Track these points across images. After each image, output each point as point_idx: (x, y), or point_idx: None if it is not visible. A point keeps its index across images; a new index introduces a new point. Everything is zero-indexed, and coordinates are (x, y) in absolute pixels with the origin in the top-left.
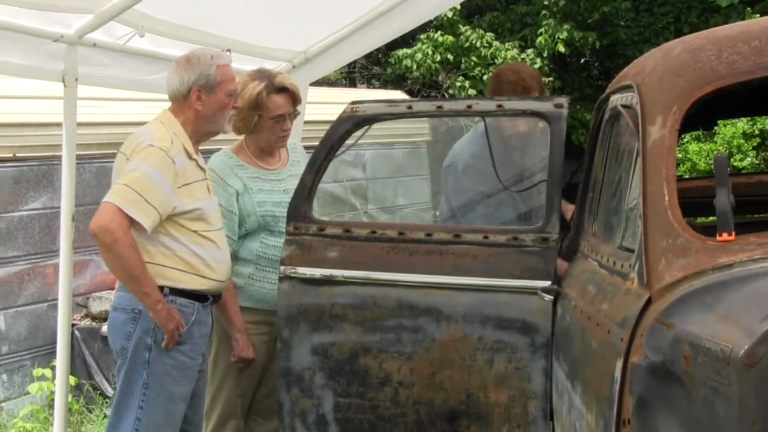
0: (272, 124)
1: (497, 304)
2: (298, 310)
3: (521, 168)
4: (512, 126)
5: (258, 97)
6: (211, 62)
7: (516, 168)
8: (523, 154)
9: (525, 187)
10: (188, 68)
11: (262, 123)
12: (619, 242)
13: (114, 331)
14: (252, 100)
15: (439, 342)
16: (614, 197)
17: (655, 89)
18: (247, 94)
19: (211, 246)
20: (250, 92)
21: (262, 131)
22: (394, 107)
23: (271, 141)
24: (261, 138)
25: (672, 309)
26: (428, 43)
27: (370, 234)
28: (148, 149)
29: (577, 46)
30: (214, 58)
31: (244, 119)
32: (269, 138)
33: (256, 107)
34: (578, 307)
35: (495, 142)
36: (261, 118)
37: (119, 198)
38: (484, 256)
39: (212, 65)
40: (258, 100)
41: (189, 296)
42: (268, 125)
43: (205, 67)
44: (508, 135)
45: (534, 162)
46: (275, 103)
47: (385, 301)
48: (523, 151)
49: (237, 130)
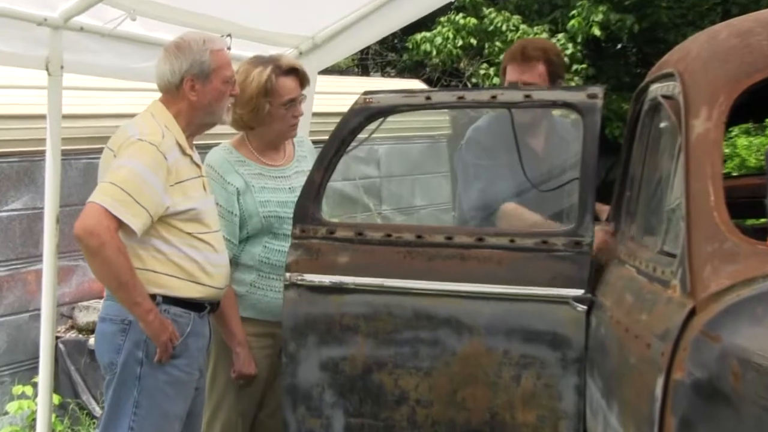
0: (284, 110)
1: (525, 314)
2: (304, 321)
3: (550, 165)
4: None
5: (268, 82)
6: (203, 47)
7: (544, 164)
8: (553, 149)
9: (555, 185)
10: (179, 56)
11: (272, 111)
12: (660, 246)
13: (102, 344)
14: (261, 86)
15: (461, 356)
16: (654, 197)
17: (699, 77)
18: (254, 82)
19: (207, 249)
20: (257, 79)
21: (273, 121)
22: (411, 98)
23: (284, 130)
24: (271, 129)
25: (718, 320)
26: (449, 26)
27: (384, 237)
28: (138, 144)
29: (613, 29)
30: (206, 42)
31: (254, 110)
32: (281, 127)
33: (266, 94)
34: (614, 318)
35: (520, 135)
36: (271, 105)
37: (106, 198)
38: (510, 261)
39: (205, 51)
40: (268, 86)
41: (184, 305)
42: (279, 113)
43: (197, 54)
44: (533, 126)
45: (565, 158)
46: (286, 87)
47: (400, 311)
48: (552, 146)
49: (245, 125)
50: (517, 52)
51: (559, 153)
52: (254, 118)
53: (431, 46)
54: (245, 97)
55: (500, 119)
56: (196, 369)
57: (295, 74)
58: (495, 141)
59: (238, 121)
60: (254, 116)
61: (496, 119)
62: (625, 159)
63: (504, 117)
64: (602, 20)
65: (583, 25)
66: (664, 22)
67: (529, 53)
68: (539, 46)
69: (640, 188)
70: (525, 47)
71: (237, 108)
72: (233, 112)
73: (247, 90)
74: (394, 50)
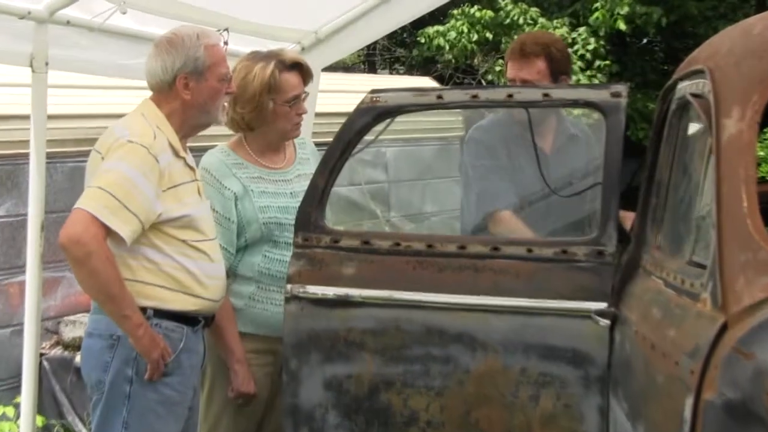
0: (288, 108)
1: (543, 329)
2: (307, 337)
3: (560, 167)
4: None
5: (271, 78)
6: (197, 43)
7: (553, 167)
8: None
9: (575, 191)
10: (171, 52)
11: (276, 109)
12: (689, 257)
13: (89, 361)
14: (265, 82)
15: (475, 374)
16: (682, 203)
17: (731, 75)
18: (257, 78)
19: (202, 258)
20: (260, 75)
21: (276, 120)
22: (421, 97)
23: (287, 129)
24: (274, 128)
25: (752, 336)
26: (463, 20)
27: (392, 246)
28: (127, 146)
29: (639, 23)
30: (200, 37)
31: (257, 108)
32: (284, 126)
33: (269, 90)
34: (640, 334)
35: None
36: (275, 103)
37: (93, 204)
38: (528, 272)
39: (199, 46)
40: (272, 82)
41: (176, 319)
42: (283, 110)
43: (191, 50)
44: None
45: (579, 160)
46: (290, 83)
47: (410, 326)
48: (561, 147)
49: (246, 125)
50: (516, 48)
51: (571, 155)
52: (257, 118)
53: (445, 41)
54: (247, 95)
55: (505, 118)
56: (189, 388)
57: (299, 69)
58: (498, 141)
59: (237, 122)
60: (257, 115)
61: (500, 118)
62: (651, 163)
63: (508, 115)
64: (627, 13)
65: (607, 19)
66: (694, 14)
67: (527, 49)
68: (540, 41)
69: (667, 194)
70: (524, 42)
71: (237, 107)
72: (232, 112)
73: (249, 87)
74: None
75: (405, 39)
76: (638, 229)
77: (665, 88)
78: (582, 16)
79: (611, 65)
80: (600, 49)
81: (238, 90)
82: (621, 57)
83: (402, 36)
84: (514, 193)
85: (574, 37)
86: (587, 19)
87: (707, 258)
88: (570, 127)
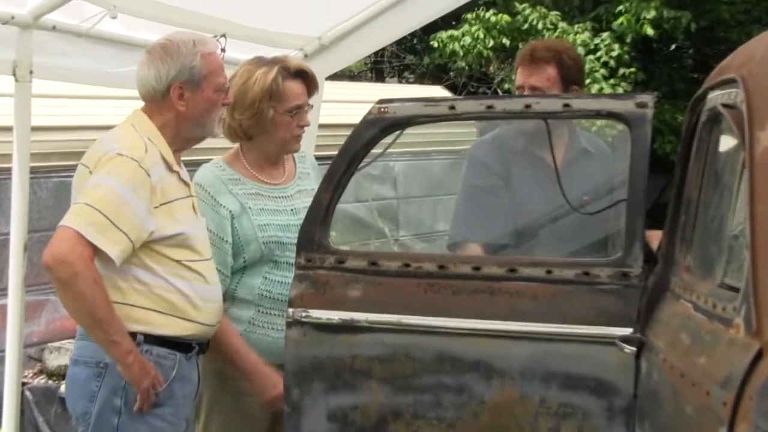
0: (289, 118)
1: (564, 357)
2: (310, 365)
3: (581, 185)
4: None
5: (273, 85)
6: (193, 50)
7: (573, 184)
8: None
9: (598, 208)
10: (166, 60)
11: (276, 119)
12: (721, 279)
13: (74, 390)
14: (266, 89)
15: (491, 405)
16: (713, 221)
17: (766, 84)
18: (258, 84)
19: (197, 280)
20: (261, 80)
21: (276, 129)
22: (432, 107)
23: (287, 141)
24: (273, 139)
25: None
26: (478, 25)
27: (402, 268)
28: (117, 159)
29: (666, 28)
30: (197, 44)
31: (255, 115)
32: (284, 136)
33: (270, 97)
34: (668, 362)
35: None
36: (275, 111)
37: (80, 221)
38: (548, 296)
39: (195, 54)
40: (273, 89)
41: (169, 345)
42: (284, 120)
43: (187, 58)
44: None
45: (609, 176)
46: (293, 91)
47: (421, 353)
48: (570, 162)
49: (244, 134)
50: (526, 54)
51: (582, 170)
52: (255, 126)
53: (459, 47)
54: (247, 100)
55: (510, 131)
56: (182, 419)
57: (304, 78)
58: (499, 158)
59: (235, 130)
60: (255, 123)
61: (503, 132)
62: (680, 178)
63: (515, 127)
64: (654, 17)
65: (632, 23)
66: (726, 19)
67: (538, 54)
68: (551, 47)
69: (697, 212)
70: (535, 48)
71: (235, 113)
72: (230, 119)
73: (249, 93)
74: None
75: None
76: (666, 249)
77: (695, 98)
78: (605, 21)
79: (637, 73)
80: (624, 56)
81: (238, 95)
82: (647, 64)
83: (412, 42)
84: (500, 220)
85: (597, 43)
86: (611, 24)
87: (740, 280)
88: (582, 141)
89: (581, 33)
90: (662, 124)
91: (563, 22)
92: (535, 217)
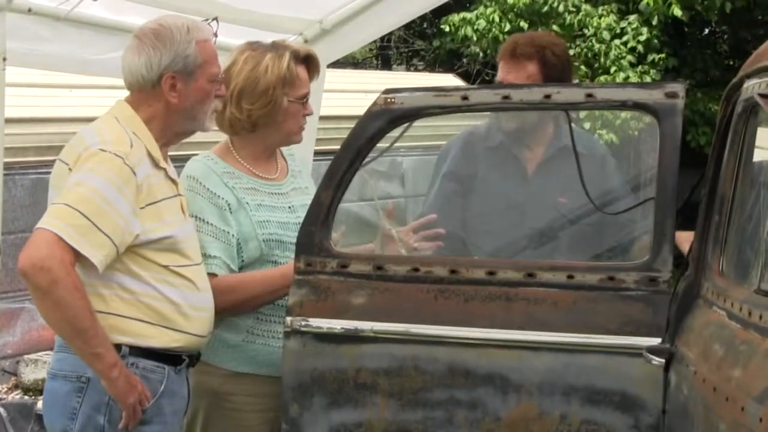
0: (299, 106)
1: (587, 369)
2: (310, 378)
3: (567, 185)
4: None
5: (288, 71)
6: (188, 37)
7: (558, 184)
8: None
9: (623, 207)
10: (158, 46)
11: (289, 108)
12: (757, 284)
13: (53, 407)
14: (282, 75)
15: (507, 421)
16: (749, 222)
17: None
18: (272, 70)
19: (187, 287)
20: (275, 66)
21: (286, 119)
22: (443, 97)
23: (293, 131)
24: (280, 130)
25: None
26: (494, 7)
27: (410, 272)
28: (99, 155)
29: (699, 9)
30: (191, 31)
31: (269, 104)
32: (291, 128)
33: (284, 84)
34: (699, 375)
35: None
36: (288, 100)
37: (60, 223)
38: (569, 303)
39: (190, 41)
40: (288, 75)
41: (156, 357)
42: (295, 108)
43: (181, 46)
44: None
45: (634, 173)
46: (302, 78)
47: (431, 366)
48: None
49: (252, 125)
50: (508, 48)
51: (564, 171)
52: (267, 115)
53: (473, 30)
54: (259, 88)
55: (487, 127)
56: None
57: (310, 64)
58: (468, 155)
59: (241, 121)
60: (268, 112)
61: (479, 128)
62: (713, 174)
63: (495, 123)
64: None
65: (661, 5)
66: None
67: (519, 50)
68: (535, 42)
69: (731, 211)
70: (517, 42)
71: (243, 103)
72: (235, 110)
73: (262, 80)
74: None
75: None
76: (697, 252)
77: (730, 86)
78: (632, 2)
79: (667, 59)
80: (653, 41)
81: (248, 83)
82: (678, 50)
83: (421, 26)
84: (456, 225)
85: (624, 27)
86: (638, 6)
87: None
88: (566, 140)
89: (606, 16)
90: (695, 115)
91: (587, 4)
92: (498, 219)
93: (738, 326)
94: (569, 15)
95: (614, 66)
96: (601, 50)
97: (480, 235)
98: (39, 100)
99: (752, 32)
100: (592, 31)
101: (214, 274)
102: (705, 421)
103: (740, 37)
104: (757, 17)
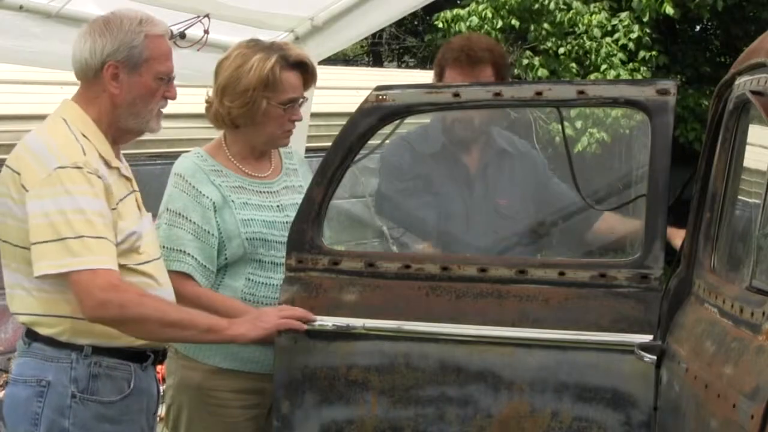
0: (281, 111)
1: (578, 366)
2: (301, 375)
3: (507, 186)
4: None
5: (270, 74)
6: (137, 29)
7: (498, 185)
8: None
9: (615, 204)
10: (105, 33)
11: (268, 110)
12: (749, 281)
13: (14, 413)
14: (263, 77)
15: (498, 419)
16: (741, 219)
17: None
18: (254, 71)
19: (146, 284)
20: (258, 67)
21: (266, 122)
22: (434, 94)
23: (276, 136)
24: (261, 131)
25: None
26: (486, 4)
27: (402, 269)
28: (61, 175)
29: (690, 7)
30: (143, 23)
31: (247, 104)
32: (273, 131)
33: (266, 87)
34: (691, 372)
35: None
36: (269, 102)
37: (81, 259)
38: (560, 300)
39: (139, 33)
40: (270, 78)
41: (121, 355)
42: (276, 113)
43: (128, 35)
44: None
45: (626, 170)
46: (290, 83)
47: (422, 363)
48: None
49: (231, 122)
50: (462, 53)
51: (502, 172)
52: (245, 115)
53: (465, 27)
54: (239, 87)
55: (423, 132)
56: None
57: (302, 70)
58: (417, 159)
59: (222, 116)
60: (246, 112)
61: (414, 133)
62: (705, 171)
63: (427, 130)
64: None
65: (652, 2)
66: None
67: (477, 55)
68: (485, 47)
69: (723, 208)
70: (471, 47)
71: (225, 100)
72: (218, 105)
73: (243, 79)
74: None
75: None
76: (689, 248)
77: (721, 83)
78: (624, 0)
79: (658, 56)
80: (645, 38)
81: (230, 80)
82: (669, 47)
83: (413, 23)
84: (422, 220)
85: (615, 24)
86: (630, 3)
87: None
88: (500, 141)
89: (597, 13)
90: (686, 111)
91: (578, 1)
92: (457, 219)
93: (729, 323)
94: (560, 12)
95: (605, 63)
96: (592, 48)
97: (436, 234)
98: (30, 97)
99: (743, 29)
100: (583, 29)
101: (188, 274)
102: (696, 418)
103: (731, 35)
104: (748, 14)
